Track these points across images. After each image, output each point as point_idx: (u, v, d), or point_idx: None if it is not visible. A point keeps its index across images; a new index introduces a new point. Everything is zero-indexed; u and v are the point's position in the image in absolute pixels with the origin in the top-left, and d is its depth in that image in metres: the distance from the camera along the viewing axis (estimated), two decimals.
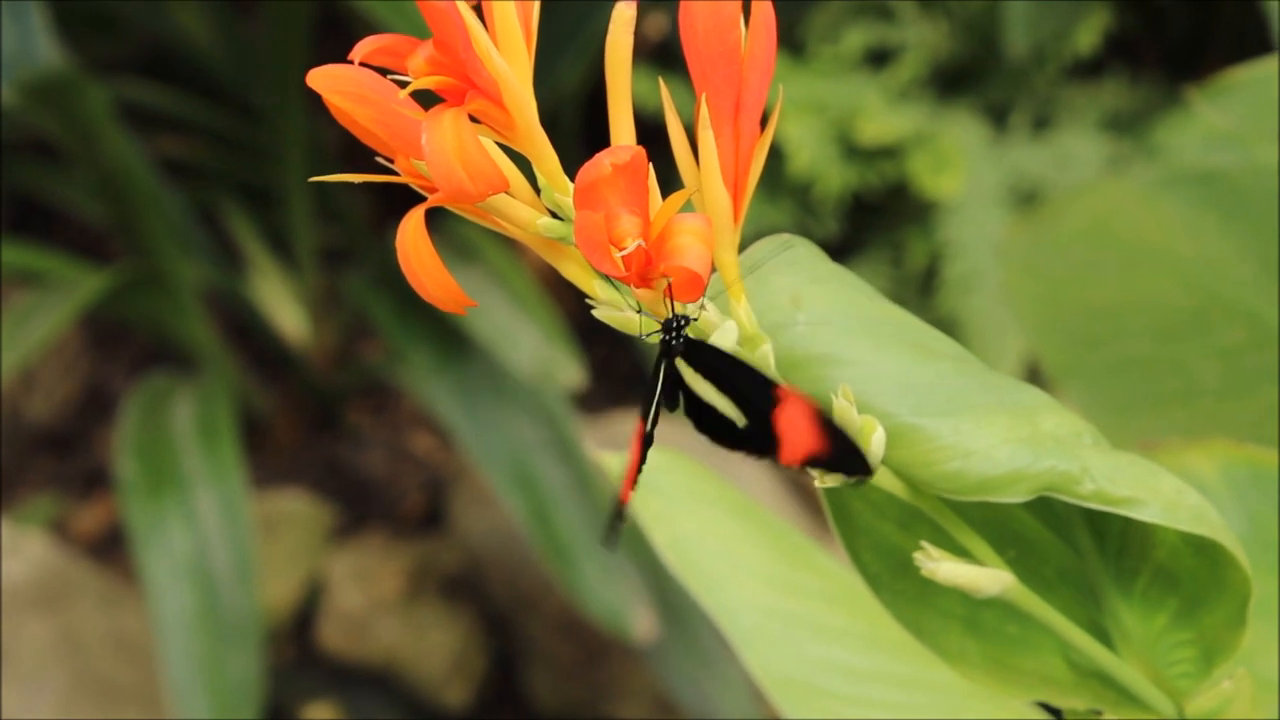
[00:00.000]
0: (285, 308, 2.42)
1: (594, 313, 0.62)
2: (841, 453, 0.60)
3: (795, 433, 0.60)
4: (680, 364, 0.61)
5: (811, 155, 2.30)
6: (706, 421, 0.62)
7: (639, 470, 0.63)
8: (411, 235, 0.59)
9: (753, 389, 0.60)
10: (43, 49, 2.02)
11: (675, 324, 0.60)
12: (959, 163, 2.28)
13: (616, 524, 0.63)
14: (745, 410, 0.61)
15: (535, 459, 1.98)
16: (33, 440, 2.48)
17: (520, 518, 1.96)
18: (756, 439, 0.61)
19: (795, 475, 2.22)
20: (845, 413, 0.62)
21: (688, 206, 0.59)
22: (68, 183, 2.35)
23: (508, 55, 0.59)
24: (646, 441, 0.62)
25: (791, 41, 2.43)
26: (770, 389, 0.60)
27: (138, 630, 2.12)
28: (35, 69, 2.00)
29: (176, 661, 1.85)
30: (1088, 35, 2.37)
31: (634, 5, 0.60)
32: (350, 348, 2.51)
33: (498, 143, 0.60)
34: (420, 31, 0.60)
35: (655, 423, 0.63)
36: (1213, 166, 1.34)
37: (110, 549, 2.33)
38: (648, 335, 0.61)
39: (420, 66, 0.58)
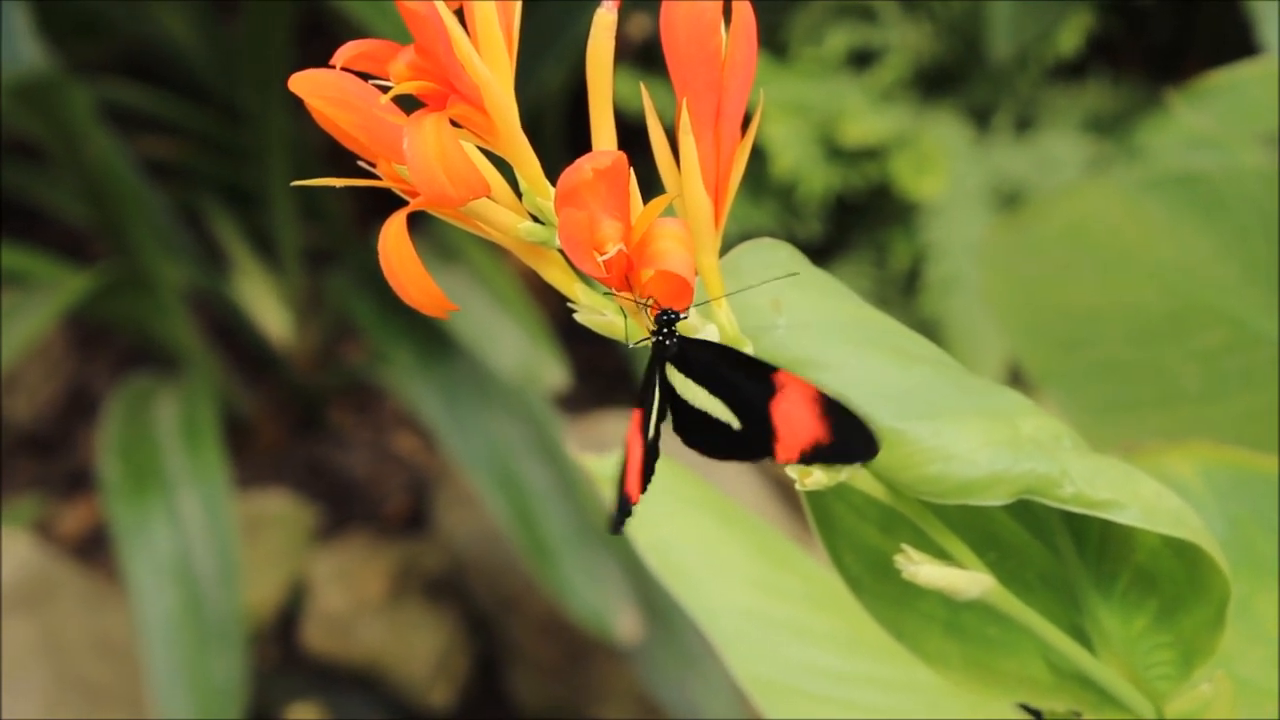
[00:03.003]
0: (268, 308, 2.42)
1: (576, 316, 0.62)
2: (846, 436, 0.59)
3: (794, 423, 0.59)
4: (670, 370, 0.61)
5: (795, 156, 2.30)
6: (697, 433, 0.62)
7: (646, 475, 0.62)
8: (393, 239, 0.59)
9: (748, 380, 0.60)
10: (26, 51, 2.01)
11: (666, 319, 0.60)
12: (941, 164, 2.28)
13: (622, 518, 0.63)
14: (739, 408, 0.61)
15: (518, 460, 1.99)
16: (16, 441, 2.48)
17: (503, 519, 1.96)
18: (751, 441, 0.61)
19: (779, 475, 2.22)
20: None
21: (669, 210, 0.59)
22: (51, 184, 2.35)
23: (489, 60, 0.59)
24: (651, 449, 0.62)
25: (774, 43, 2.43)
26: (768, 376, 0.60)
27: (121, 631, 2.12)
28: (19, 71, 1.99)
29: (159, 662, 1.85)
30: (1070, 37, 2.37)
31: (615, 10, 0.60)
32: (333, 348, 2.51)
33: (479, 147, 0.60)
34: (403, 33, 0.60)
35: (658, 429, 0.62)
36: (1193, 169, 1.34)
37: (93, 550, 2.33)
38: (636, 343, 0.61)
39: (402, 71, 0.58)
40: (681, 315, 0.60)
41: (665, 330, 0.60)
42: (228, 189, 2.47)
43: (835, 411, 0.59)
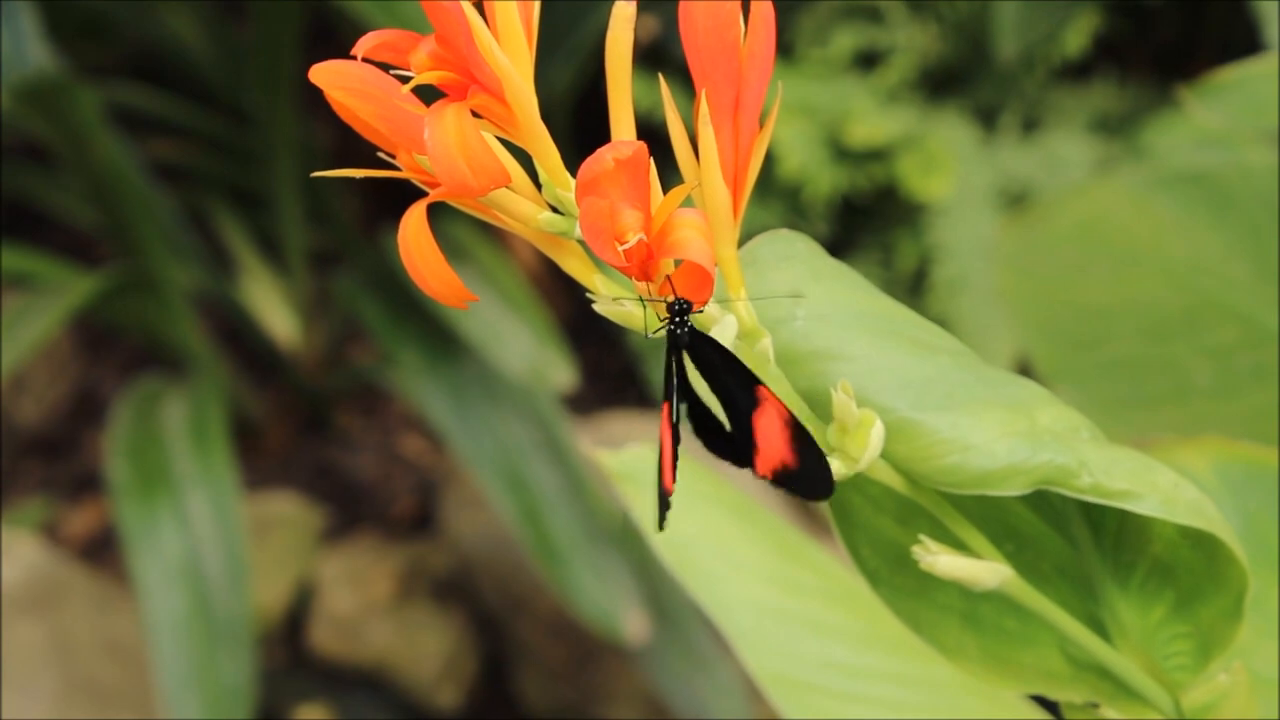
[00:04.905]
0: (276, 310, 2.42)
1: (595, 306, 0.62)
2: (808, 469, 0.60)
3: (770, 441, 0.60)
4: (686, 360, 0.61)
5: (801, 157, 2.30)
6: (704, 428, 0.62)
7: (675, 458, 0.62)
8: (414, 230, 0.59)
9: (738, 388, 0.61)
10: (34, 53, 2.02)
11: (678, 309, 0.60)
12: (948, 165, 2.28)
13: (664, 512, 0.63)
14: (731, 412, 0.61)
15: (526, 460, 1.99)
16: (23, 443, 2.48)
17: (511, 519, 1.96)
18: (740, 447, 0.61)
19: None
20: (844, 406, 0.62)
21: (687, 202, 0.59)
22: (59, 186, 2.35)
23: (509, 51, 0.59)
24: (676, 437, 0.62)
25: (780, 44, 2.43)
26: (753, 388, 0.60)
27: (129, 633, 2.12)
28: (26, 73, 2.00)
29: (168, 664, 1.85)
30: (1076, 37, 2.37)
31: (634, 3, 0.60)
32: (340, 350, 2.51)
33: (499, 138, 0.60)
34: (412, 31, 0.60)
35: (679, 416, 0.63)
36: (1202, 167, 1.34)
37: (101, 552, 2.33)
38: (653, 333, 0.61)
39: (423, 62, 0.58)
40: (691, 304, 0.61)
41: (678, 319, 0.60)
42: (235, 191, 2.47)
43: (802, 442, 0.60)
